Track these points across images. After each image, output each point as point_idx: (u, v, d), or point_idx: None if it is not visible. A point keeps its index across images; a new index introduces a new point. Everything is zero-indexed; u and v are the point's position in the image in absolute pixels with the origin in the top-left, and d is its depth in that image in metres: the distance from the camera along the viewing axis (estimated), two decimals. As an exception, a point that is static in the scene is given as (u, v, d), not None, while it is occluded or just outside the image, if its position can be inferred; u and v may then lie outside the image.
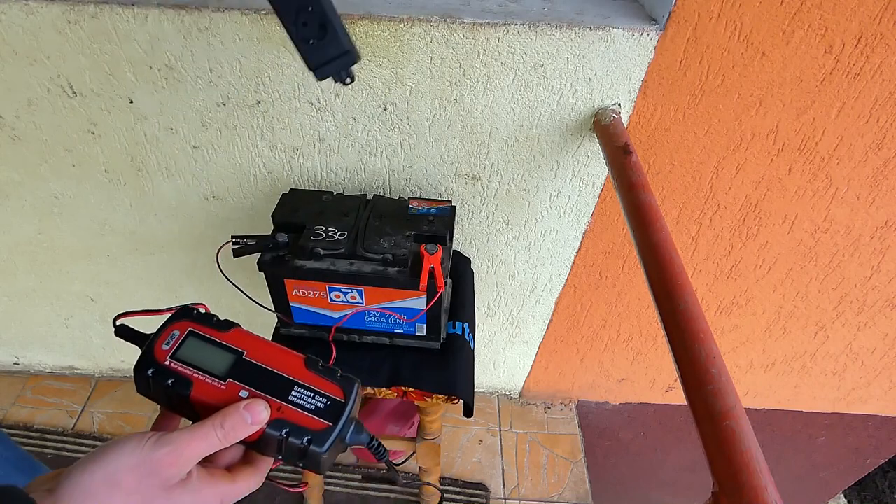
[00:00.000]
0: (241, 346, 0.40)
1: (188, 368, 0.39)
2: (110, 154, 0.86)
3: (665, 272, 0.54)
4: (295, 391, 0.39)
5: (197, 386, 0.38)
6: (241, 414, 0.36)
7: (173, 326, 0.41)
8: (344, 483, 1.26)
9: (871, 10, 0.66)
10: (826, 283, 1.06)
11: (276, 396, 0.39)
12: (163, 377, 0.38)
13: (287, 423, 0.38)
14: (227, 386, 0.39)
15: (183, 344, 0.40)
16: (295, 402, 0.39)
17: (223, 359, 0.40)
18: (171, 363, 0.39)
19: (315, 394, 0.39)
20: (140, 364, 0.39)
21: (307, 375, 0.40)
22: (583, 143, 0.81)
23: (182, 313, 0.42)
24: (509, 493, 1.28)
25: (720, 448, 0.41)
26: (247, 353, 0.40)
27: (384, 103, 0.77)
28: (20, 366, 1.42)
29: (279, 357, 0.41)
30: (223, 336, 0.41)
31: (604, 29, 0.69)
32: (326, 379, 0.40)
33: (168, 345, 0.40)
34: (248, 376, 0.39)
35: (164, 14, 0.68)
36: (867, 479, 2.78)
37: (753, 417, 0.63)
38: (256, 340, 0.41)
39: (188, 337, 0.40)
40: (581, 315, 1.16)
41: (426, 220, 0.74)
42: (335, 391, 0.40)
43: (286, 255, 0.70)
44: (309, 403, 0.39)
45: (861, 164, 0.84)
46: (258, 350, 0.41)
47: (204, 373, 0.39)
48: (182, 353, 0.40)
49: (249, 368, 0.40)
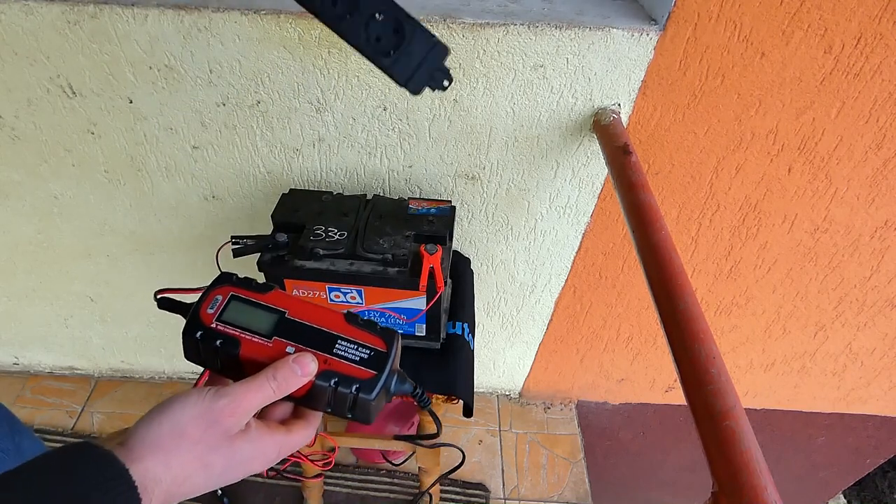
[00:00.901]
0: (283, 306, 0.42)
1: (235, 329, 0.40)
2: (110, 154, 0.86)
3: (665, 272, 0.54)
4: (339, 344, 0.41)
5: (245, 345, 0.40)
6: (291, 366, 0.38)
7: (216, 291, 0.42)
8: (344, 483, 1.26)
9: (871, 10, 0.66)
10: (826, 283, 1.06)
11: (322, 350, 0.40)
12: (211, 339, 0.40)
13: (335, 374, 0.40)
14: (273, 343, 0.40)
15: (227, 307, 0.41)
16: (340, 354, 0.41)
17: (267, 318, 0.41)
18: (217, 325, 0.40)
19: (358, 346, 0.41)
20: (188, 328, 0.40)
21: (349, 329, 0.42)
22: (582, 143, 0.81)
23: (222, 279, 0.43)
24: (509, 493, 1.28)
25: (720, 448, 0.41)
26: (289, 312, 0.42)
27: (384, 103, 0.77)
28: (20, 366, 1.42)
29: (320, 314, 0.42)
30: (264, 297, 0.42)
31: (604, 29, 0.69)
32: (368, 332, 0.42)
33: (213, 308, 0.41)
34: (293, 333, 0.41)
35: (164, 14, 0.68)
36: (867, 479, 2.77)
37: (753, 417, 0.63)
38: (297, 300, 0.43)
39: (231, 300, 0.42)
40: (581, 315, 1.16)
41: (426, 220, 0.74)
42: (377, 342, 0.42)
43: (286, 255, 0.70)
44: (353, 355, 0.41)
45: (861, 164, 0.84)
46: (299, 309, 0.42)
47: (250, 332, 0.40)
48: (227, 315, 0.41)
49: (293, 326, 0.41)
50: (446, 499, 1.25)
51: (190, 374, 1.43)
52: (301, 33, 0.69)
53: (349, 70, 0.73)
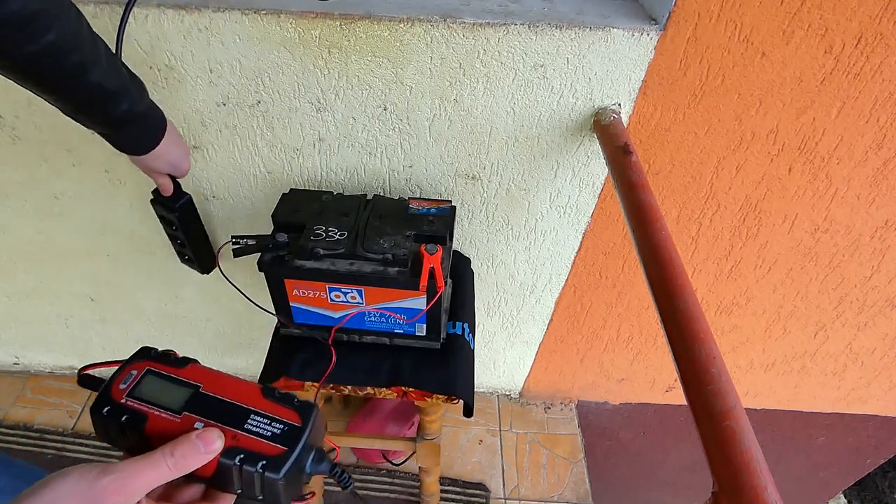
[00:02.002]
0: (198, 381, 0.41)
1: (144, 405, 0.39)
2: (110, 154, 0.85)
3: (665, 272, 0.54)
4: (251, 419, 0.39)
5: (152, 420, 0.38)
6: (194, 442, 0.36)
7: (131, 367, 0.41)
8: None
9: (871, 10, 0.66)
10: (826, 283, 1.06)
11: (232, 425, 0.39)
12: (118, 414, 0.38)
13: (241, 451, 0.37)
14: (182, 419, 0.39)
15: (141, 382, 0.40)
16: (251, 429, 0.39)
17: (179, 393, 0.40)
18: (127, 401, 0.39)
19: (272, 420, 0.39)
20: (96, 405, 0.39)
21: (264, 403, 0.40)
22: (583, 143, 0.81)
23: (140, 354, 0.42)
24: (509, 493, 1.28)
25: (720, 448, 0.41)
26: (203, 387, 0.40)
27: (384, 103, 0.77)
28: (20, 366, 1.42)
29: (236, 388, 0.41)
30: (180, 372, 0.41)
31: (604, 29, 0.69)
32: (283, 406, 0.40)
33: (125, 384, 0.40)
34: (204, 408, 0.39)
35: (165, 14, 0.68)
36: (867, 479, 2.77)
37: (753, 417, 0.63)
38: (214, 374, 0.42)
39: (145, 375, 0.41)
40: (581, 315, 1.16)
41: (426, 220, 0.74)
42: (292, 417, 0.40)
43: (286, 255, 0.70)
44: (265, 430, 0.39)
45: (861, 164, 0.84)
46: (215, 383, 0.41)
47: (160, 407, 0.39)
48: (139, 390, 0.40)
49: (205, 401, 0.40)
50: (446, 499, 1.25)
51: (190, 374, 1.43)
52: (301, 33, 0.69)
53: (349, 70, 0.73)
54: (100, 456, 1.27)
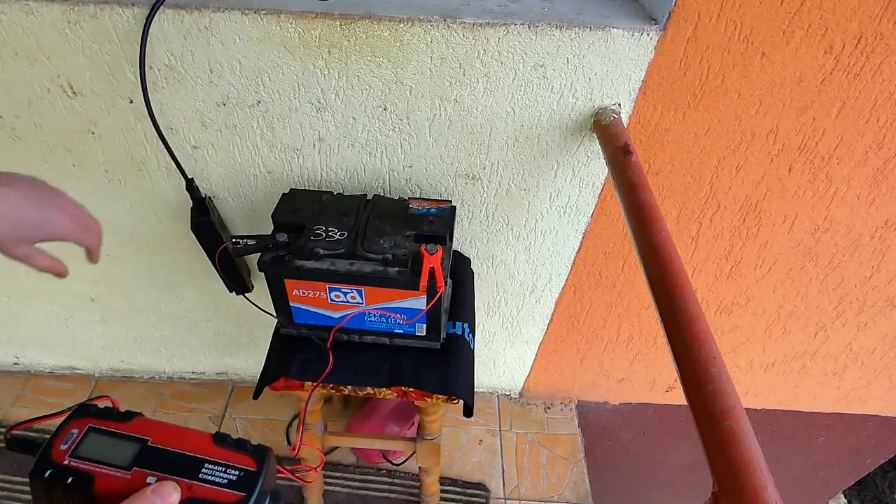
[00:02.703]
0: (145, 434, 0.39)
1: (89, 464, 0.37)
2: (110, 154, 0.86)
3: (665, 272, 0.54)
4: (205, 468, 0.38)
5: (100, 479, 0.36)
6: (149, 497, 0.35)
7: (71, 426, 0.39)
8: (344, 483, 1.26)
9: (871, 10, 0.66)
10: (826, 283, 1.06)
11: (186, 476, 0.38)
12: (61, 477, 0.36)
13: (198, 501, 0.37)
14: (132, 474, 0.37)
15: (83, 441, 0.38)
16: (206, 478, 0.38)
17: (126, 448, 0.38)
18: (70, 462, 0.37)
19: (227, 468, 0.39)
20: (36, 469, 0.36)
21: (216, 451, 0.39)
22: (583, 143, 0.81)
23: (79, 411, 0.40)
24: (509, 493, 1.28)
25: (720, 448, 0.41)
26: (151, 440, 0.39)
27: (384, 103, 0.77)
28: (20, 366, 1.42)
29: (186, 438, 0.40)
30: (125, 427, 0.39)
31: (604, 29, 0.69)
32: (237, 452, 0.40)
33: (66, 444, 0.38)
34: (155, 462, 0.38)
35: (165, 14, 0.68)
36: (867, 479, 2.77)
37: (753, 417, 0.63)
38: (162, 426, 0.40)
39: (88, 433, 0.39)
40: (581, 315, 1.16)
41: (426, 220, 0.74)
42: (247, 462, 0.39)
43: (286, 255, 0.70)
44: (220, 478, 0.38)
45: (861, 164, 0.84)
46: (163, 435, 0.39)
47: (107, 465, 0.37)
48: (82, 449, 0.38)
49: (155, 454, 0.38)
50: (446, 499, 1.25)
51: (191, 375, 1.43)
52: (301, 33, 0.69)
53: (349, 70, 0.73)
54: (100, 456, 1.27)
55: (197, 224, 0.85)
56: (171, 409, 1.38)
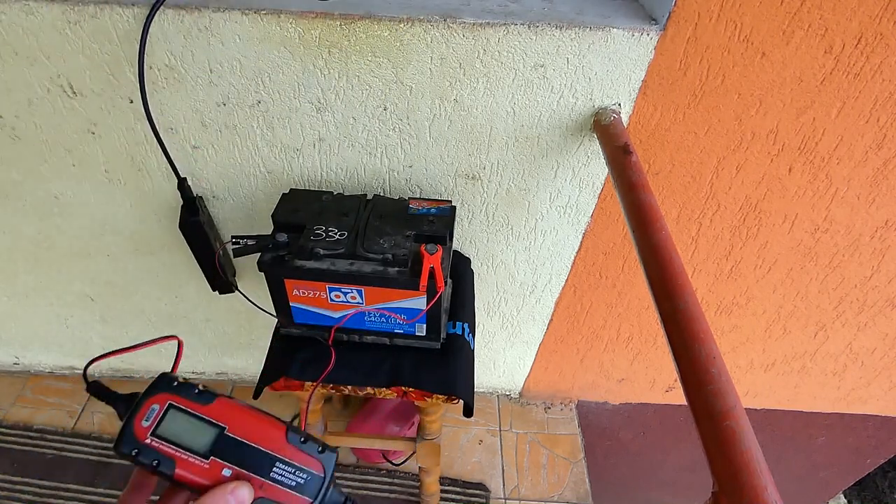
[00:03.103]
0: (223, 421, 0.40)
1: (170, 447, 0.39)
2: (110, 154, 0.86)
3: (665, 272, 0.54)
4: (276, 467, 0.40)
5: (180, 464, 0.38)
6: (227, 500, 0.37)
7: (152, 399, 0.40)
8: (344, 483, 1.26)
9: (871, 10, 0.66)
10: (826, 283, 1.06)
11: (259, 474, 0.39)
12: (146, 457, 0.38)
13: (268, 502, 0.39)
14: (210, 464, 0.39)
15: (164, 419, 0.39)
16: (276, 478, 0.40)
17: (205, 434, 0.40)
18: (152, 441, 0.39)
19: (296, 470, 0.40)
20: (121, 442, 0.39)
21: (288, 450, 0.41)
22: (583, 143, 0.81)
23: (160, 384, 0.41)
24: (509, 493, 1.28)
25: (720, 448, 0.41)
26: (228, 429, 0.40)
27: (384, 103, 0.77)
28: (20, 366, 1.42)
29: (261, 430, 0.41)
30: (204, 410, 0.40)
31: (604, 29, 0.69)
32: (307, 454, 0.41)
33: (148, 421, 0.39)
34: (231, 453, 0.39)
35: (165, 14, 0.68)
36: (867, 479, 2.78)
37: (753, 417, 0.63)
38: (239, 412, 0.41)
39: (168, 411, 0.40)
40: (581, 315, 1.16)
41: (426, 220, 0.74)
42: (315, 466, 0.41)
43: (286, 255, 0.70)
44: (290, 480, 0.40)
45: (861, 164, 0.84)
46: (240, 424, 0.41)
47: (186, 451, 0.39)
48: (163, 429, 0.39)
49: (232, 444, 0.40)
50: (446, 499, 1.25)
51: (190, 375, 1.43)
52: (301, 33, 0.69)
53: (350, 70, 0.73)
54: (99, 456, 1.27)
55: (184, 223, 0.86)
56: (171, 409, 1.38)
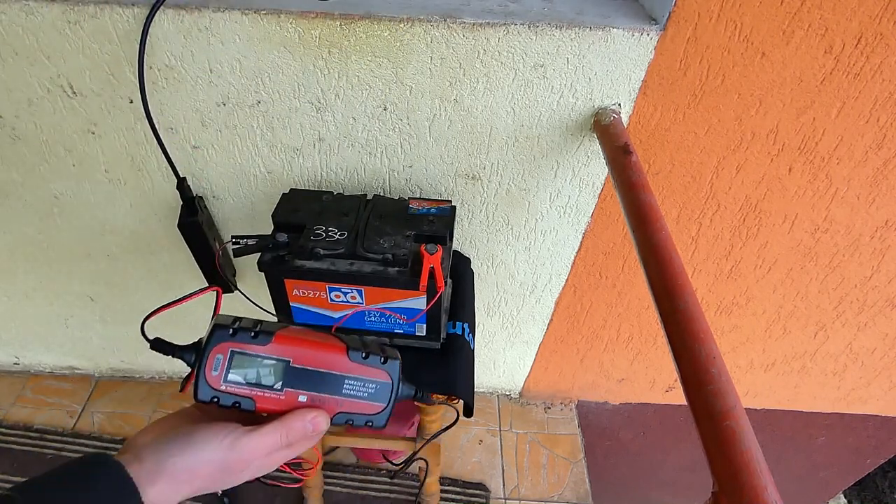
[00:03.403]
0: (286, 355, 0.42)
1: (245, 388, 0.41)
2: (110, 154, 0.86)
3: (665, 272, 0.54)
4: (346, 384, 0.43)
5: (259, 402, 0.42)
6: (305, 426, 0.41)
7: (215, 350, 0.42)
8: (344, 483, 1.26)
9: (871, 10, 0.66)
10: (826, 283, 1.06)
11: (332, 393, 0.43)
12: (226, 400, 0.41)
13: (348, 414, 0.43)
14: (285, 395, 0.42)
15: (230, 366, 0.42)
16: (349, 393, 0.43)
17: (273, 372, 0.42)
18: (227, 387, 0.41)
19: (365, 382, 0.44)
20: (198, 392, 0.41)
21: (353, 367, 0.43)
22: (583, 143, 0.81)
23: (218, 334, 0.42)
24: (509, 493, 1.28)
25: (720, 448, 0.41)
26: (293, 361, 0.42)
27: (384, 103, 0.77)
28: (20, 366, 1.42)
29: (323, 355, 0.43)
30: (265, 349, 0.42)
31: (604, 29, 0.69)
32: (371, 367, 0.44)
33: (217, 371, 0.41)
34: (301, 381, 0.42)
35: (165, 14, 0.68)
36: (867, 479, 2.78)
37: (753, 417, 0.63)
38: (299, 343, 0.43)
39: (232, 358, 0.42)
40: (581, 315, 1.16)
41: (426, 220, 0.74)
42: (381, 375, 0.44)
43: (286, 255, 0.70)
44: (362, 392, 0.43)
45: (861, 164, 0.84)
46: (302, 354, 0.43)
47: (261, 388, 0.41)
48: (233, 375, 0.42)
49: (300, 374, 0.42)
50: (446, 499, 1.24)
51: (190, 374, 1.43)
52: (301, 33, 0.69)
53: (349, 70, 0.73)
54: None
55: (183, 223, 0.86)
56: (172, 408, 1.38)
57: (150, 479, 0.37)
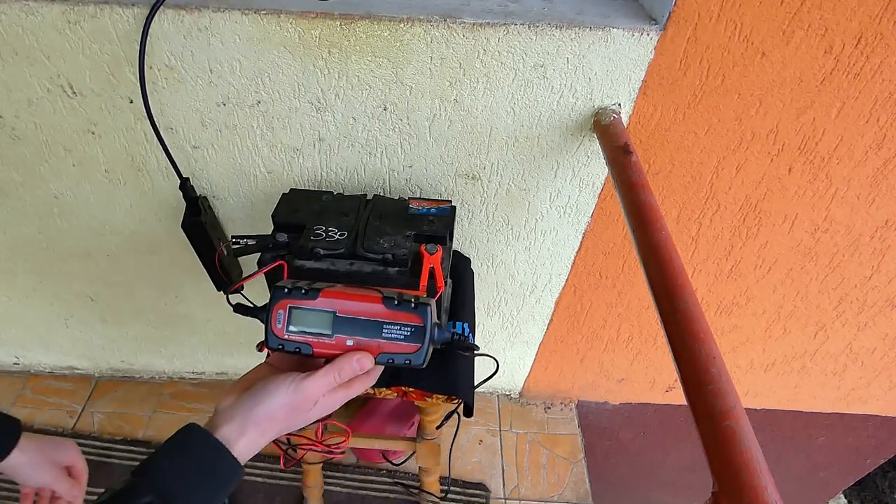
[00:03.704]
0: (332, 307, 0.51)
1: (303, 336, 0.50)
2: (110, 154, 0.86)
3: (665, 272, 0.54)
4: (385, 329, 0.50)
5: (315, 347, 0.50)
6: (353, 366, 0.49)
7: (277, 307, 0.51)
8: (344, 483, 1.26)
9: (871, 10, 0.66)
10: (826, 283, 1.06)
11: (373, 336, 0.50)
12: (289, 347, 0.50)
13: (389, 355, 0.51)
14: (335, 340, 0.50)
15: (290, 319, 0.50)
16: (388, 336, 0.50)
17: (323, 321, 0.50)
18: (289, 336, 0.50)
19: (401, 326, 0.51)
20: (268, 341, 0.51)
21: (389, 314, 0.51)
22: (583, 143, 0.81)
23: (277, 295, 0.51)
24: (509, 493, 1.28)
25: (720, 448, 0.41)
26: (338, 311, 0.51)
27: (384, 103, 0.77)
28: (20, 366, 1.42)
29: (363, 305, 0.51)
30: (314, 303, 0.51)
31: (604, 29, 0.69)
32: (404, 312, 0.51)
33: (280, 323, 0.50)
34: (348, 328, 0.50)
35: (165, 14, 0.68)
36: (867, 479, 2.78)
37: (753, 417, 0.63)
38: (342, 296, 0.51)
39: (291, 313, 0.51)
40: (581, 315, 1.16)
41: (426, 220, 0.74)
42: (414, 319, 0.51)
43: (286, 254, 0.70)
44: (399, 335, 0.50)
45: (861, 164, 0.84)
46: (346, 305, 0.51)
47: (315, 335, 0.50)
48: (293, 326, 0.50)
49: (346, 322, 0.50)
50: (446, 499, 1.24)
51: (190, 375, 1.43)
52: (301, 33, 0.69)
53: (349, 70, 0.73)
54: (99, 456, 1.27)
55: (187, 223, 0.86)
56: (171, 408, 1.39)
57: (239, 432, 0.46)
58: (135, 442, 1.31)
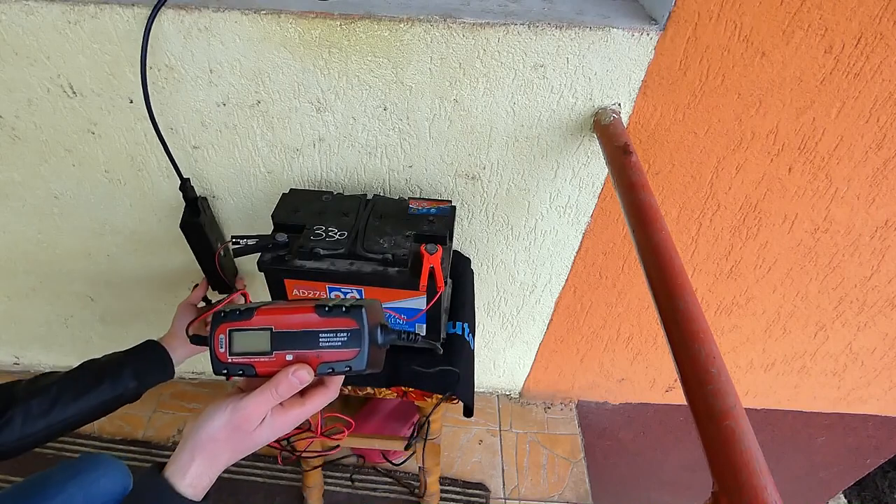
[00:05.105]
0: (268, 324, 0.50)
1: (245, 357, 0.50)
2: (110, 154, 0.86)
3: (665, 272, 0.54)
4: (321, 337, 0.50)
5: (258, 366, 0.50)
6: (290, 380, 0.48)
7: (217, 332, 0.51)
8: (344, 483, 1.26)
9: (871, 10, 0.66)
10: (826, 283, 1.06)
11: (311, 347, 0.50)
12: (233, 370, 0.51)
13: (329, 364, 0.50)
14: (275, 357, 0.50)
15: (231, 342, 0.51)
16: (325, 344, 0.50)
17: (262, 339, 0.50)
18: (232, 360, 0.50)
19: (336, 332, 0.50)
20: (214, 367, 0.51)
21: (323, 322, 0.50)
22: (583, 143, 0.81)
23: (217, 320, 0.51)
24: (509, 493, 1.28)
25: (720, 448, 0.41)
26: (275, 327, 0.50)
27: (384, 103, 0.77)
28: (20, 366, 1.42)
29: (297, 316, 0.50)
30: (251, 323, 0.51)
31: (604, 29, 0.69)
32: (337, 317, 0.50)
33: (223, 348, 0.51)
34: (286, 342, 0.50)
35: (164, 14, 0.68)
36: (867, 479, 2.78)
37: (753, 417, 0.63)
38: (276, 312, 0.51)
39: (231, 336, 0.51)
40: (581, 315, 1.16)
41: (426, 220, 0.74)
42: (347, 323, 0.50)
43: (286, 255, 0.70)
44: (336, 341, 0.50)
45: (861, 164, 0.84)
46: (281, 320, 0.50)
47: (256, 355, 0.50)
48: (234, 349, 0.50)
49: (283, 337, 0.50)
50: (446, 499, 1.25)
51: (190, 375, 1.43)
52: (301, 33, 0.69)
53: (349, 70, 0.73)
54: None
55: (185, 223, 0.86)
56: (172, 408, 1.39)
57: (189, 458, 0.47)
58: (135, 442, 1.31)
